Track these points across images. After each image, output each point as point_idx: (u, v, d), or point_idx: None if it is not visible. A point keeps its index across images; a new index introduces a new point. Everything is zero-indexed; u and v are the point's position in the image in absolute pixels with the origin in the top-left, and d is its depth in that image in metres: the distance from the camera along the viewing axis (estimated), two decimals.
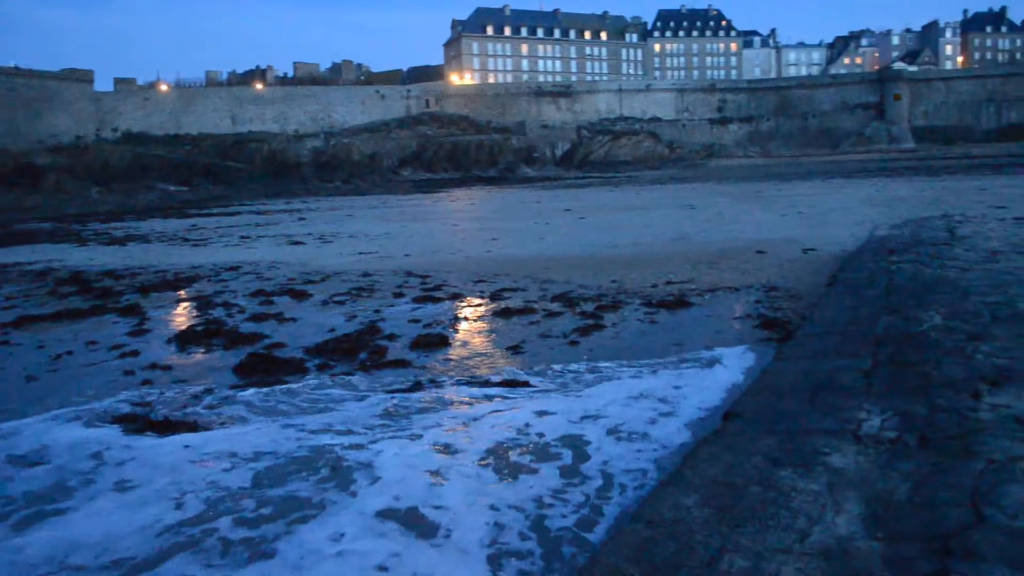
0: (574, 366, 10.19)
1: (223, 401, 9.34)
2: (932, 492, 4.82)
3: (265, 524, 6.21)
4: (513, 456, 7.35)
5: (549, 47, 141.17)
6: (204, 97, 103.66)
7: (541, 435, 7.80)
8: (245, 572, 5.54)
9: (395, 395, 9.32)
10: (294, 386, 9.81)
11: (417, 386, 9.62)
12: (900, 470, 5.17)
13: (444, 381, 9.80)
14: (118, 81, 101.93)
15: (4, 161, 77.06)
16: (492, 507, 6.27)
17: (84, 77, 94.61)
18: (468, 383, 9.64)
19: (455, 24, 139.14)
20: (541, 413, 8.41)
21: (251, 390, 9.67)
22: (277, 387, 9.73)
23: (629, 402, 8.69)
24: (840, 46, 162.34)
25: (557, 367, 10.19)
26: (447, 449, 7.58)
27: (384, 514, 6.22)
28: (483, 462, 7.22)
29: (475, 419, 8.40)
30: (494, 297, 15.08)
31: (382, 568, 5.40)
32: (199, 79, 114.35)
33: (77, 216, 53.28)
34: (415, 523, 6.04)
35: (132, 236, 34.58)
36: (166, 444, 7.91)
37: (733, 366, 9.91)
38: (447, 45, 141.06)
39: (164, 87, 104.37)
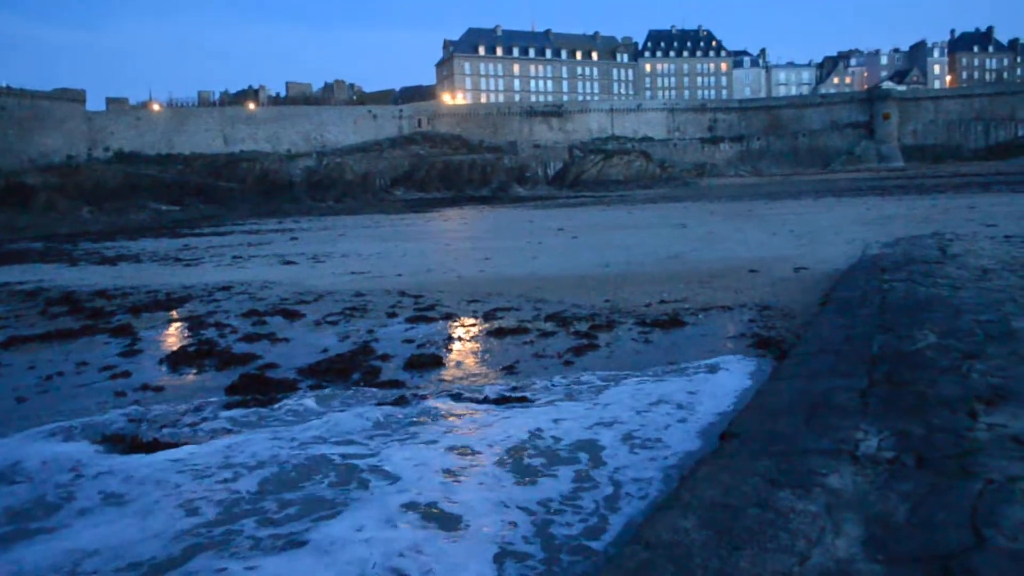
0: (559, 379, 10.20)
1: (210, 419, 9.33)
2: (931, 513, 4.78)
3: (291, 523, 6.39)
4: (526, 460, 7.56)
5: (541, 67, 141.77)
6: (196, 117, 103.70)
7: (558, 439, 8.06)
8: (279, 559, 5.76)
9: (386, 408, 9.45)
10: (288, 403, 9.82)
11: (402, 400, 9.74)
12: (898, 491, 5.14)
13: (437, 396, 9.79)
14: (110, 101, 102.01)
15: None
16: (504, 506, 6.52)
17: (76, 97, 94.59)
18: (467, 399, 9.61)
19: (447, 44, 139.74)
20: (556, 420, 8.67)
21: (241, 409, 9.62)
22: (270, 406, 9.69)
23: (649, 407, 9.00)
24: (829, 66, 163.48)
25: (542, 382, 10.21)
26: (461, 454, 7.80)
27: (405, 509, 6.52)
28: (498, 466, 7.45)
29: (485, 426, 8.61)
30: (487, 317, 15.05)
31: (401, 555, 5.72)
32: (192, 99, 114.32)
33: (68, 236, 53.17)
34: (433, 519, 6.34)
35: (123, 256, 34.49)
36: (154, 460, 7.91)
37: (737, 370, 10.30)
38: (439, 65, 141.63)
39: (156, 107, 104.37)
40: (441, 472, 7.34)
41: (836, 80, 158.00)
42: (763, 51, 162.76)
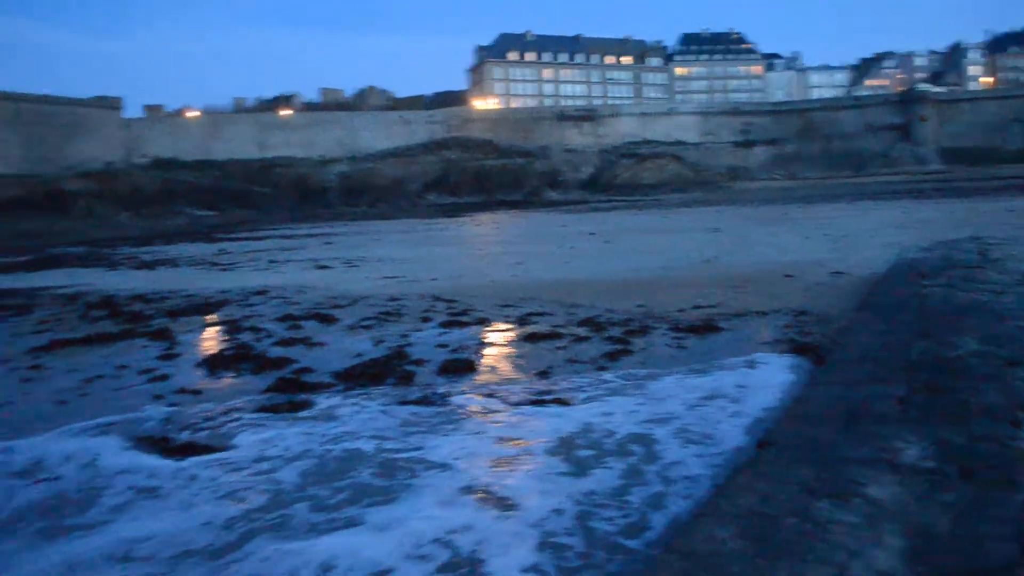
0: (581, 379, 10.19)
1: (243, 419, 9.45)
2: (974, 525, 4.70)
3: (346, 507, 6.56)
4: (577, 452, 7.71)
5: (572, 72, 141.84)
6: (231, 123, 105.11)
7: (611, 433, 8.18)
8: (335, 537, 5.95)
9: (419, 407, 9.63)
10: (320, 404, 9.94)
11: (434, 400, 9.87)
12: (940, 501, 5.06)
13: (473, 397, 9.87)
14: (147, 108, 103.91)
15: (35, 187, 78.50)
16: (552, 495, 6.65)
17: (113, 104, 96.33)
18: (502, 400, 9.63)
19: (479, 50, 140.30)
20: (606, 414, 8.80)
21: (272, 413, 9.71)
22: (303, 408, 9.78)
23: (701, 401, 9.18)
24: (864, 68, 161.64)
25: (576, 384, 10.22)
26: (511, 445, 8.00)
27: (460, 493, 6.75)
28: (549, 455, 7.64)
29: (530, 418, 8.85)
30: (521, 322, 15.04)
31: (453, 532, 5.99)
32: (227, 106, 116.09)
33: (107, 241, 54.04)
34: (485, 503, 6.56)
35: (161, 260, 34.98)
36: (189, 457, 8.06)
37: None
38: (471, 70, 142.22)
39: (192, 113, 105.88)
40: (490, 461, 7.54)
41: (870, 82, 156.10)
42: (796, 54, 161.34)
